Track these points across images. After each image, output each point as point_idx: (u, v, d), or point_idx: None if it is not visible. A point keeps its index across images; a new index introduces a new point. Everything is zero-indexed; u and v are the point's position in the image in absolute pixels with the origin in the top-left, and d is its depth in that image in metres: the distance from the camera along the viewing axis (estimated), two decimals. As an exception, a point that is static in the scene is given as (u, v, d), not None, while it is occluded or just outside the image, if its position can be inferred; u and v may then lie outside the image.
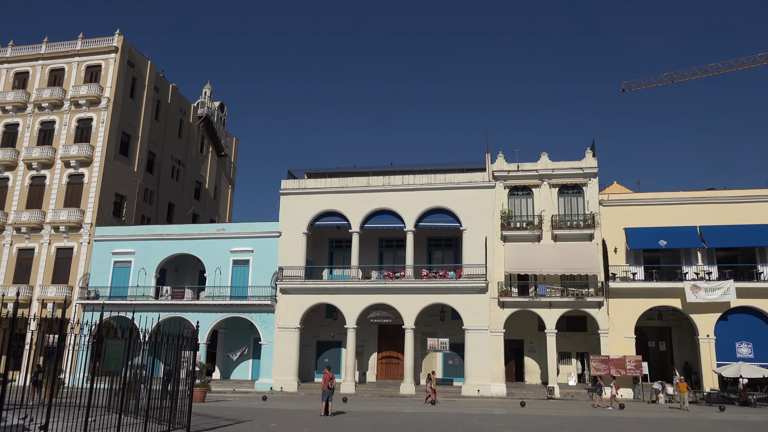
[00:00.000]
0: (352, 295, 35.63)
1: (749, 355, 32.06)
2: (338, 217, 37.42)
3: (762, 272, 33.10)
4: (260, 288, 37.16)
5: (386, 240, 40.21)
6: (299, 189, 38.13)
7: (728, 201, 34.08)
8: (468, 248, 35.24)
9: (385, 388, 34.97)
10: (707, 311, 32.51)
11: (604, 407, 27.44)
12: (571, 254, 33.82)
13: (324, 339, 39.58)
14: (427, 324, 37.16)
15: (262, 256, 37.85)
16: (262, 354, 36.43)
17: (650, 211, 34.53)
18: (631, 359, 32.03)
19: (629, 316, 33.29)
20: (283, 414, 22.37)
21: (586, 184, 35.21)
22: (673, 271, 34.16)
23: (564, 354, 36.80)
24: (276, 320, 36.37)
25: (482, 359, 33.69)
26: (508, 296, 34.03)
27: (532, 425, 19.58)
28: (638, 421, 21.47)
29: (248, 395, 32.74)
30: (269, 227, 38.35)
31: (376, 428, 18.21)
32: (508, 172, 35.97)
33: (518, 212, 35.75)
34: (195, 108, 55.56)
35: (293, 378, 35.37)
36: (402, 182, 36.99)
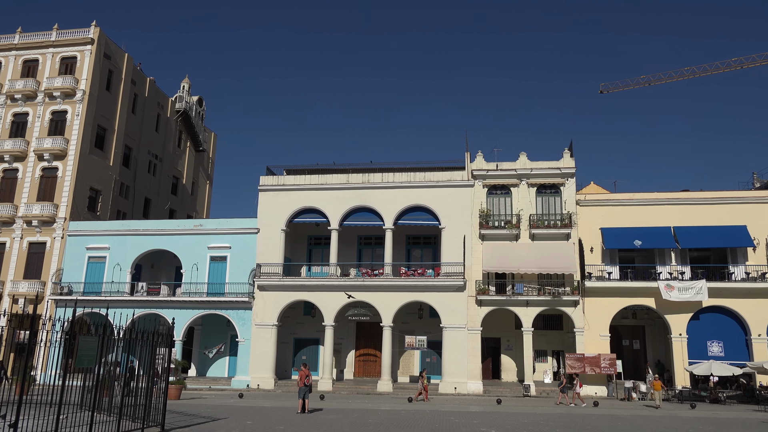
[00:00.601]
0: (330, 293, 35.55)
1: (720, 354, 32.71)
2: (317, 214, 37.30)
3: (733, 272, 33.77)
4: (238, 285, 36.90)
5: (365, 238, 40.19)
6: (278, 185, 37.91)
7: (701, 202, 34.71)
8: (446, 246, 35.39)
9: (363, 385, 34.97)
10: (680, 310, 33.08)
11: (567, 404, 27.69)
12: (548, 253, 34.15)
13: (301, 336, 39.44)
14: (405, 322, 37.25)
15: (239, 252, 37.57)
16: (239, 351, 36.18)
17: (626, 211, 35.01)
18: (605, 357, 32.48)
19: (604, 315, 33.73)
20: (260, 411, 22.24)
21: (564, 184, 35.56)
22: (648, 270, 34.71)
23: (540, 352, 37.16)
24: (253, 317, 36.14)
25: (459, 357, 33.87)
26: (486, 294, 34.25)
27: (507, 422, 19.74)
28: (612, 418, 21.77)
29: (224, 393, 32.49)
30: (247, 224, 38.09)
31: (352, 425, 18.20)
32: (487, 171, 36.18)
33: (497, 211, 35.98)
34: (173, 102, 54.92)
35: (270, 375, 35.19)
36: (381, 180, 36.98)
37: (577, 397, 28.48)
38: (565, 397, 28.37)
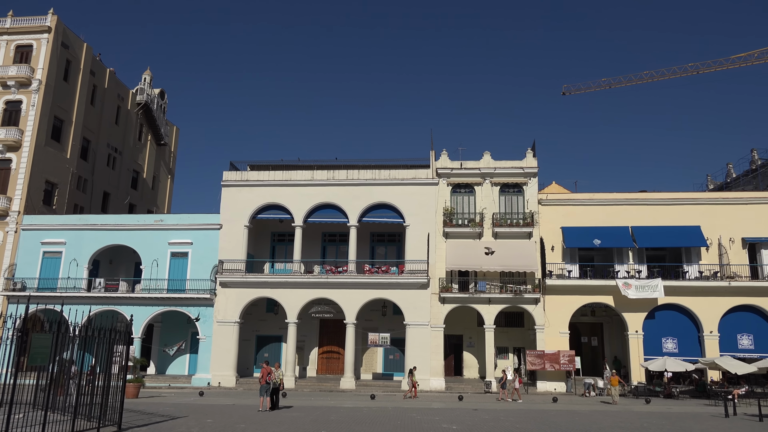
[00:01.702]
0: (293, 290, 35.33)
1: (674, 350, 33.70)
2: (281, 211, 37.00)
3: (687, 271, 34.81)
4: (199, 281, 36.34)
5: (329, 234, 40.05)
6: (242, 181, 37.46)
7: (658, 203, 35.66)
8: (411, 244, 35.54)
9: (326, 382, 34.89)
10: (637, 308, 33.94)
11: (508, 400, 28.06)
12: (510, 252, 34.60)
13: (264, 333, 39.10)
14: (368, 319, 37.27)
15: (201, 248, 37.00)
16: (200, 349, 35.65)
17: (586, 211, 35.72)
18: (564, 354, 33.10)
19: (564, 312, 34.37)
20: (221, 410, 21.97)
21: (527, 184, 36.07)
22: (606, 269, 35.51)
23: (501, 349, 37.65)
24: (215, 314, 35.65)
25: (422, 354, 34.07)
26: (449, 292, 34.53)
27: (468, 419, 19.94)
28: (570, 414, 22.20)
29: (184, 391, 31.99)
30: (210, 219, 37.54)
31: (314, 423, 18.13)
32: (451, 169, 36.44)
33: (460, 209, 36.29)
34: (133, 94, 53.69)
35: (231, 373, 34.79)
36: (346, 177, 36.90)
37: (515, 393, 28.83)
38: (505, 392, 28.69)
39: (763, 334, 33.63)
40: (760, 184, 52.32)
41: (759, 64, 50.59)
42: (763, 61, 49.49)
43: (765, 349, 33.13)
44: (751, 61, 49.71)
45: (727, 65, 50.41)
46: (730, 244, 34.58)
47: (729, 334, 33.62)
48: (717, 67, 50.61)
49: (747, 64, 50.36)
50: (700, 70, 51.30)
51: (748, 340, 33.66)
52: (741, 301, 33.58)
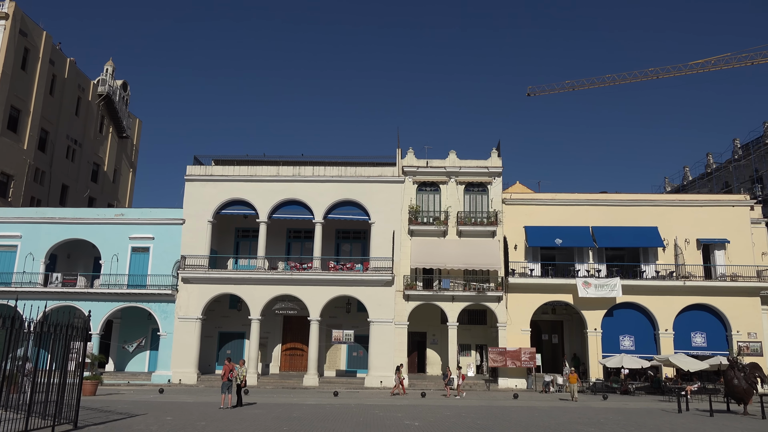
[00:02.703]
0: (257, 286, 35.04)
1: (631, 348, 34.60)
2: (245, 206, 36.64)
3: (644, 271, 35.76)
4: (161, 277, 35.71)
5: (294, 231, 39.84)
6: (206, 176, 36.95)
7: (617, 204, 36.52)
8: (376, 241, 35.61)
9: (289, 379, 34.74)
10: (596, 306, 34.71)
11: (453, 396, 28.32)
12: (474, 250, 34.98)
13: (227, 330, 38.68)
14: (332, 316, 37.22)
15: (163, 243, 36.37)
16: (161, 345, 35.07)
17: (548, 210, 36.35)
18: (525, 351, 33.65)
19: (526, 310, 34.93)
20: (181, 407, 21.68)
21: (491, 183, 36.51)
22: (567, 268, 36.22)
23: (464, 346, 38.06)
24: (176, 310, 35.12)
25: (386, 351, 34.20)
26: (413, 289, 34.73)
27: (431, 415, 20.13)
28: (530, 410, 22.60)
29: (144, 388, 31.46)
30: (172, 214, 36.91)
31: (276, 420, 18.06)
32: (417, 168, 36.64)
33: (426, 207, 36.52)
34: (95, 85, 52.41)
35: (193, 370, 34.34)
36: (312, 173, 36.74)
37: (459, 389, 29.06)
38: (449, 389, 28.94)
39: (715, 333, 34.81)
40: (714, 187, 54.10)
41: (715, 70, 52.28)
42: (718, 68, 51.11)
43: (717, 346, 34.31)
44: (708, 68, 51.29)
45: (686, 71, 51.88)
46: (685, 244, 35.64)
47: (683, 332, 34.69)
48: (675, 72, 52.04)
49: (704, 71, 51.97)
50: (660, 75, 52.70)
51: (701, 338, 34.79)
52: (695, 300, 34.66)
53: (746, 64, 49.84)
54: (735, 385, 21.90)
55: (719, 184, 54.08)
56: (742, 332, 34.18)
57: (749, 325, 34.31)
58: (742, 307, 34.42)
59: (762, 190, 48.56)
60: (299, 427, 16.56)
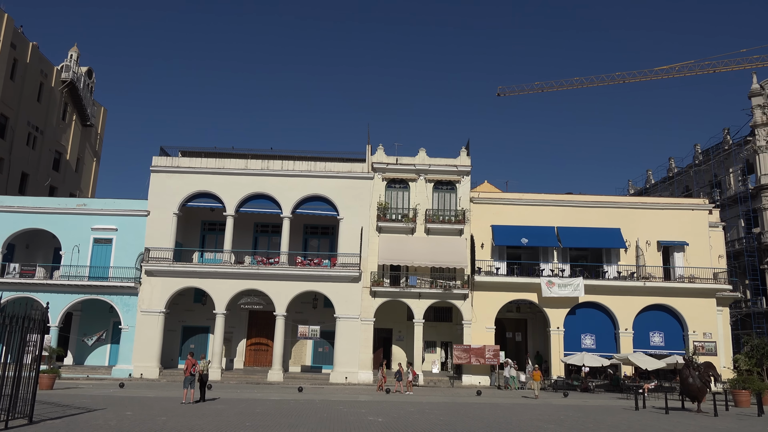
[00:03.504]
0: (223, 280, 34.68)
1: (592, 346, 35.33)
2: (212, 199, 36.19)
3: (607, 271, 36.51)
4: (123, 269, 35.05)
5: (262, 225, 39.52)
6: (172, 167, 36.36)
7: (582, 205, 37.19)
8: (344, 237, 35.56)
9: (253, 374, 34.49)
10: (559, 305, 35.32)
11: (403, 392, 28.49)
12: (441, 248, 35.22)
13: (191, 324, 38.19)
14: (299, 311, 37.08)
15: (127, 235, 35.68)
16: (122, 339, 34.44)
17: (515, 210, 36.81)
18: (490, 348, 34.06)
19: (491, 308, 35.34)
20: (141, 402, 21.33)
21: (460, 182, 36.78)
22: (532, 267, 36.76)
23: (429, 343, 38.33)
24: (139, 303, 34.52)
25: (352, 347, 34.22)
26: (381, 286, 34.81)
27: (395, 411, 20.22)
28: (493, 406, 22.89)
29: (104, 382, 30.84)
30: (137, 205, 36.25)
31: (239, 416, 17.91)
32: (387, 164, 36.68)
33: (394, 204, 36.61)
34: (58, 71, 50.98)
35: (155, 364, 33.82)
36: (281, 167, 36.49)
37: (409, 385, 29.19)
38: (400, 385, 29.20)
39: (672, 332, 35.78)
40: (675, 190, 55.52)
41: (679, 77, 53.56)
42: (682, 75, 52.38)
43: (674, 346, 35.29)
44: (672, 74, 52.52)
45: (651, 76, 53.08)
46: (646, 246, 36.50)
47: (642, 332, 35.57)
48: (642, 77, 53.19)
49: (669, 77, 53.23)
50: (626, 80, 53.75)
51: (659, 337, 35.71)
52: (654, 300, 35.56)
53: (708, 71, 51.22)
54: (690, 383, 22.53)
55: (680, 188, 55.50)
56: (698, 332, 35.20)
57: (705, 326, 35.34)
58: (698, 308, 35.44)
59: (720, 195, 50.01)
60: (262, 423, 16.46)
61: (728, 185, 49.71)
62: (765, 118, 46.88)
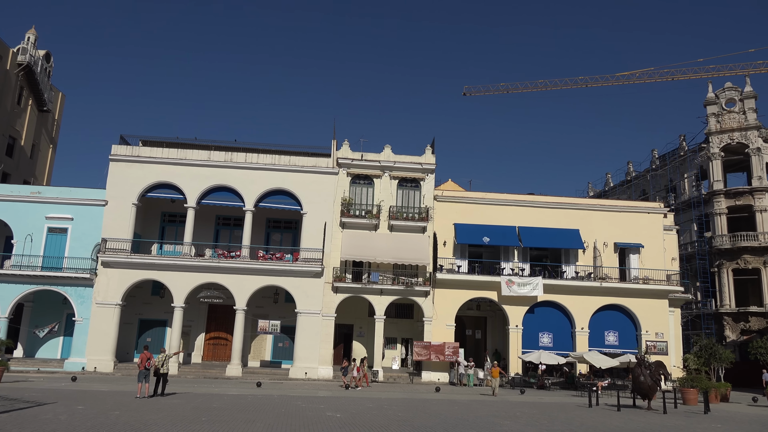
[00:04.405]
0: (182, 273, 34.11)
1: (549, 345, 36.01)
2: (173, 190, 35.53)
3: (565, 271, 37.25)
4: (78, 260, 34.15)
5: (224, 218, 39.02)
6: (132, 156, 35.56)
7: (543, 206, 37.83)
8: (307, 232, 35.38)
9: (211, 369, 34.06)
10: (518, 304, 35.88)
11: (349, 388, 28.55)
12: (404, 245, 35.36)
13: (148, 317, 37.47)
14: (259, 306, 36.76)
15: (83, 225, 34.76)
16: (76, 331, 33.57)
17: (478, 209, 37.21)
18: (449, 345, 34.38)
19: (452, 306, 35.67)
20: (94, 396, 20.86)
21: (424, 179, 36.97)
22: (493, 266, 37.24)
23: (390, 339, 38.46)
24: (94, 295, 33.69)
25: (312, 342, 34.10)
26: (343, 282, 34.76)
27: (353, 407, 20.25)
28: (450, 403, 23.14)
29: (56, 375, 30.04)
30: (94, 194, 35.33)
31: (195, 410, 17.68)
32: (352, 160, 36.62)
33: (359, 200, 36.58)
34: (14, 54, 49.22)
35: (109, 358, 33.09)
36: (245, 160, 36.06)
37: (354, 380, 29.19)
38: (344, 378, 29.34)
39: (626, 332, 36.75)
40: (633, 194, 56.96)
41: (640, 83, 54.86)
42: (642, 81, 53.68)
43: (627, 345, 36.27)
44: (633, 80, 53.77)
45: (612, 81, 54.23)
46: (603, 247, 37.37)
47: (598, 331, 36.42)
48: (603, 82, 54.32)
49: (629, 82, 54.43)
50: (589, 84, 54.82)
51: (614, 336, 36.63)
52: (610, 300, 36.44)
53: (667, 79, 52.61)
54: (641, 381, 23.20)
55: (637, 191, 56.97)
56: (651, 332, 36.23)
57: (657, 326, 36.41)
58: (651, 309, 36.48)
59: (675, 200, 51.55)
60: (218, 418, 16.29)
61: (683, 190, 51.24)
62: (719, 126, 48.47)
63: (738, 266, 45.78)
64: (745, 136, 47.43)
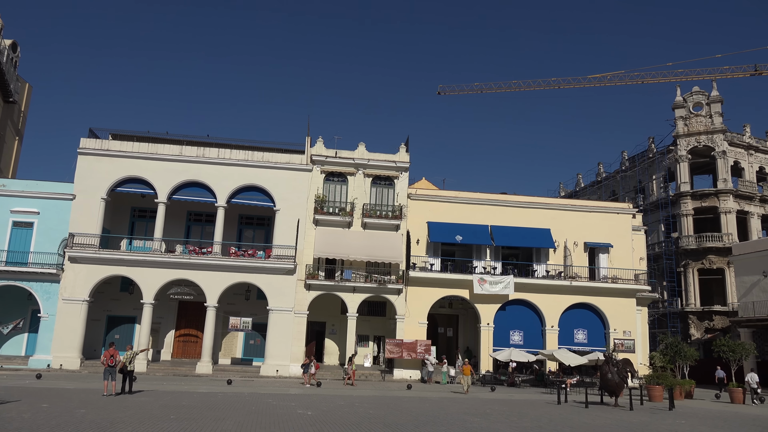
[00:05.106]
0: (152, 269, 33.61)
1: (520, 342, 36.42)
2: (144, 185, 34.98)
3: (536, 270, 37.70)
4: (45, 255, 33.38)
5: (195, 214, 38.56)
6: (101, 150, 34.89)
7: (515, 205, 38.22)
8: (280, 229, 35.17)
9: (181, 366, 33.66)
10: (490, 302, 36.20)
11: (308, 385, 28.49)
12: (378, 242, 35.39)
13: (116, 314, 36.85)
14: (230, 303, 36.44)
15: (50, 219, 33.99)
16: (41, 328, 32.83)
17: (451, 208, 37.42)
18: (421, 343, 34.54)
19: (424, 304, 35.82)
20: (60, 393, 20.44)
21: (398, 177, 37.03)
22: (466, 264, 37.50)
23: (362, 337, 38.47)
24: (61, 291, 33.00)
25: (284, 340, 33.93)
26: (315, 279, 34.65)
27: (324, 404, 20.21)
28: (421, 400, 23.24)
29: (20, 373, 29.34)
30: (62, 188, 34.57)
31: (164, 408, 17.44)
32: (326, 157, 36.50)
33: (332, 198, 36.49)
34: (-21, 42, 47.83)
35: (76, 355, 32.46)
36: (218, 155, 35.66)
37: (312, 377, 29.15)
38: (305, 376, 29.39)
39: (595, 330, 37.37)
40: (603, 194, 57.91)
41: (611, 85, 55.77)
42: (613, 84, 54.59)
43: (596, 343, 36.88)
44: (604, 82, 54.63)
45: (584, 83, 55.00)
46: (574, 247, 37.92)
47: (567, 329, 36.97)
48: (575, 84, 55.04)
49: (601, 85, 55.31)
50: (561, 85, 55.50)
51: (583, 334, 37.21)
52: (580, 299, 37.01)
53: (637, 82, 53.54)
54: (609, 379, 23.62)
55: (607, 192, 57.94)
56: (619, 330, 36.90)
57: (625, 324, 37.08)
58: (619, 307, 37.14)
59: (644, 200, 52.56)
60: (187, 416, 16.09)
61: (651, 191, 52.28)
62: (686, 129, 49.56)
63: (703, 266, 46.91)
64: (712, 140, 48.60)
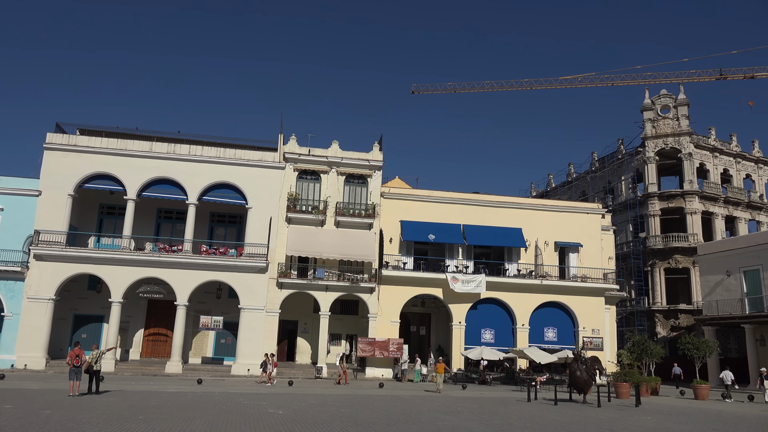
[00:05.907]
0: (121, 267, 33.04)
1: (491, 341, 36.76)
2: (112, 182, 34.34)
3: (508, 269, 38.08)
4: (9, 252, 32.55)
5: (166, 211, 38.02)
6: (68, 145, 34.15)
7: (487, 205, 38.55)
8: (252, 227, 34.88)
9: (150, 366, 33.15)
10: (462, 301, 36.45)
11: (266, 383, 28.50)
12: (350, 241, 35.35)
13: (83, 313, 36.13)
14: (201, 301, 36.03)
15: (14, 216, 33.14)
16: (4, 327, 32.01)
17: (424, 206, 37.58)
18: (394, 342, 34.62)
19: (397, 302, 35.91)
20: (24, 394, 19.96)
21: (371, 176, 37.03)
22: (438, 263, 37.69)
23: (335, 335, 38.40)
24: (26, 289, 32.23)
25: (255, 339, 33.68)
26: (288, 278, 34.47)
27: (296, 403, 20.12)
28: (394, 398, 23.30)
29: (-19, 373, 28.54)
30: (27, 184, 33.75)
31: (132, 409, 17.17)
32: (299, 155, 36.32)
33: (305, 196, 36.34)
34: (-60, 33, 46.48)
35: (41, 354, 31.74)
36: (189, 152, 35.20)
37: (269, 376, 29.12)
38: (262, 374, 29.28)
39: (565, 328, 37.91)
40: (573, 194, 58.77)
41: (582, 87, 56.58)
42: (584, 85, 55.41)
43: (566, 341, 37.41)
44: (575, 84, 55.39)
45: (556, 85, 55.69)
46: (545, 246, 38.40)
47: (538, 327, 37.43)
48: (547, 85, 55.72)
49: (572, 86, 56.05)
50: (533, 86, 56.11)
51: (553, 333, 37.72)
52: (550, 298, 37.50)
53: (607, 84, 54.47)
54: (577, 376, 24.00)
55: (578, 192, 58.79)
56: (588, 328, 37.50)
57: (594, 322, 37.70)
58: (588, 306, 37.75)
59: (613, 201, 53.50)
60: (156, 416, 15.87)
61: (620, 192, 53.23)
62: (654, 131, 50.58)
63: (669, 266, 47.95)
64: (678, 142, 49.69)
